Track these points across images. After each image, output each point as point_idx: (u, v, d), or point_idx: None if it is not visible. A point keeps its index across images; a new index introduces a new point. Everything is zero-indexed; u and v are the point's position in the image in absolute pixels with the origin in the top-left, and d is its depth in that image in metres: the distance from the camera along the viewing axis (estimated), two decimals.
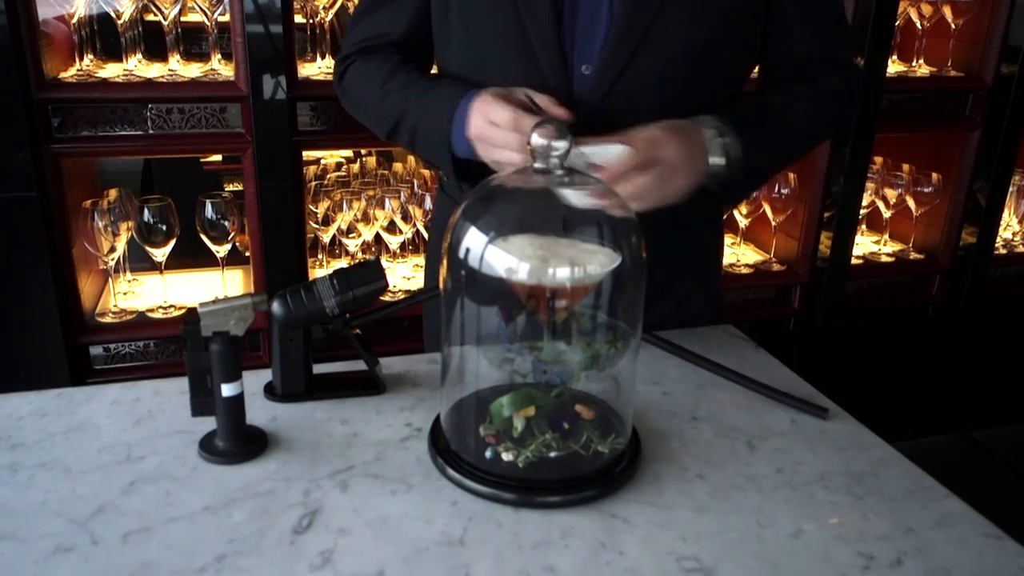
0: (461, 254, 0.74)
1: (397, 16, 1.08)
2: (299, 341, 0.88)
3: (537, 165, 0.75)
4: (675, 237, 1.04)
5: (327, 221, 1.78)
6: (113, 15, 1.57)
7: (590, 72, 0.98)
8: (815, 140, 1.15)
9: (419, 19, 1.07)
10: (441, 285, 0.78)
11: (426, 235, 1.79)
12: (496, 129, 0.91)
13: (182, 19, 1.65)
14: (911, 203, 2.10)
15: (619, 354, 0.78)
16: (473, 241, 0.73)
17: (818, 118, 1.06)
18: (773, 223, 2.04)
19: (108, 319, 1.67)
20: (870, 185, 2.07)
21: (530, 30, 0.97)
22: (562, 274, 0.72)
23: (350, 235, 1.80)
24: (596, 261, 0.73)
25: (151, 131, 1.54)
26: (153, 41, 1.66)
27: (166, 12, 1.57)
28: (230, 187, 2.12)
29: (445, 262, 0.76)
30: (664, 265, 0.99)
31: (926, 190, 2.08)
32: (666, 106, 0.98)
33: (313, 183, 1.79)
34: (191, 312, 0.79)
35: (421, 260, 1.93)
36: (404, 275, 1.89)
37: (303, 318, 0.87)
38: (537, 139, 0.73)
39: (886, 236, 2.22)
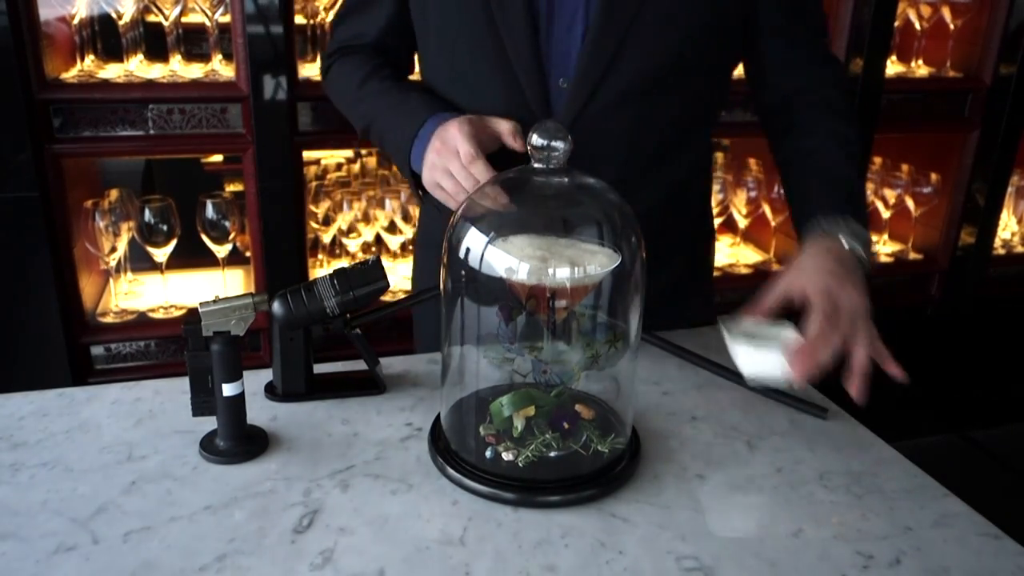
0: (461, 254, 0.74)
1: (371, 21, 1.10)
2: (299, 341, 0.89)
3: (536, 165, 0.75)
4: (665, 242, 1.03)
5: (327, 221, 1.78)
6: (114, 16, 1.58)
7: (567, 86, 0.97)
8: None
9: (392, 25, 1.10)
10: (441, 285, 0.78)
11: None
12: (453, 160, 0.92)
13: (183, 20, 1.65)
14: (910, 203, 2.10)
15: (619, 354, 0.78)
16: (473, 241, 0.73)
17: (856, 138, 1.04)
18: (773, 223, 2.04)
19: (109, 319, 1.67)
20: (869, 185, 2.07)
21: (506, 42, 0.96)
22: (562, 274, 0.72)
23: (350, 235, 1.80)
24: (596, 261, 0.73)
25: (152, 131, 1.54)
26: (154, 42, 1.66)
27: (167, 13, 1.57)
28: (231, 187, 2.12)
29: (445, 261, 0.76)
30: (655, 269, 0.98)
31: (925, 190, 2.09)
32: (642, 120, 0.99)
33: (313, 183, 1.80)
34: (192, 312, 0.79)
35: None
36: (404, 275, 1.89)
37: (303, 318, 0.87)
38: (537, 139, 0.73)
39: (885, 236, 2.22)
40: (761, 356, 0.79)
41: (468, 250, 0.73)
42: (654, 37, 0.95)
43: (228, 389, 0.78)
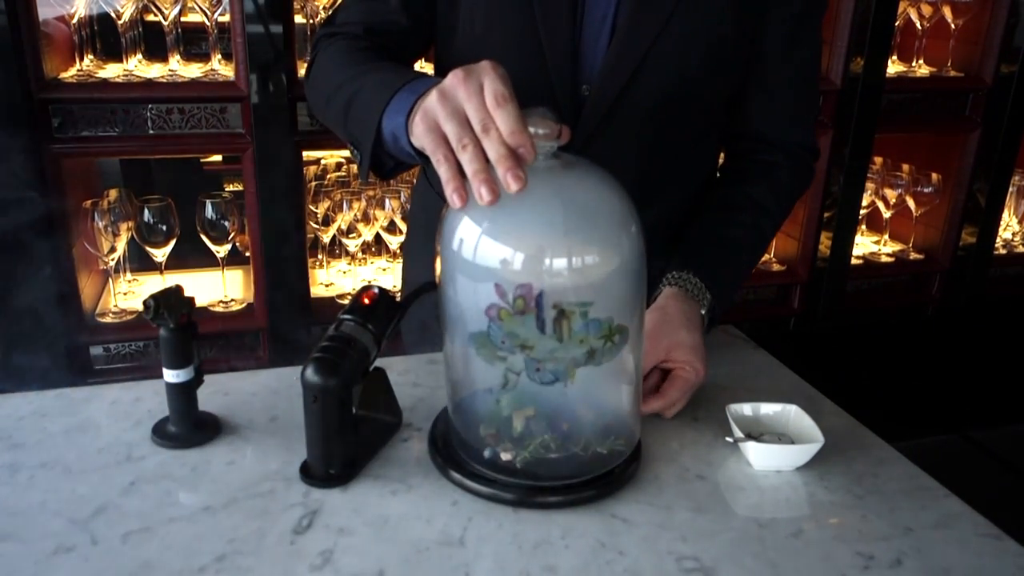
0: (454, 248, 0.73)
1: (403, 4, 0.99)
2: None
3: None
4: (668, 255, 1.03)
5: (327, 221, 1.78)
6: (113, 15, 1.58)
7: (589, 93, 0.96)
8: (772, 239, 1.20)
9: (424, 10, 1.01)
10: (437, 283, 0.78)
11: None
12: (472, 97, 0.68)
13: (182, 19, 1.65)
14: (911, 203, 2.10)
15: (615, 348, 0.77)
16: (468, 239, 0.73)
17: (779, 223, 1.11)
18: None
19: (108, 319, 1.67)
20: (870, 185, 2.07)
21: (545, 45, 0.95)
22: (560, 273, 0.72)
23: (350, 235, 1.80)
24: (594, 261, 0.73)
25: (151, 131, 1.54)
26: (153, 41, 1.66)
27: (166, 12, 1.57)
28: (230, 187, 2.12)
29: (439, 261, 0.75)
30: (657, 278, 0.99)
31: (926, 190, 2.08)
32: (660, 135, 1.00)
33: (313, 183, 1.79)
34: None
35: None
36: None
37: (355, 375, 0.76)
38: (530, 128, 0.71)
39: (886, 236, 2.22)
40: (769, 451, 0.81)
41: (461, 247, 0.72)
42: (678, 52, 0.95)
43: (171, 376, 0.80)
